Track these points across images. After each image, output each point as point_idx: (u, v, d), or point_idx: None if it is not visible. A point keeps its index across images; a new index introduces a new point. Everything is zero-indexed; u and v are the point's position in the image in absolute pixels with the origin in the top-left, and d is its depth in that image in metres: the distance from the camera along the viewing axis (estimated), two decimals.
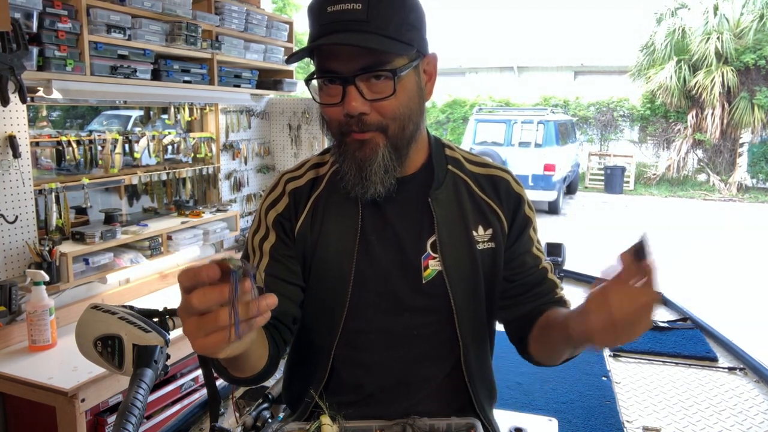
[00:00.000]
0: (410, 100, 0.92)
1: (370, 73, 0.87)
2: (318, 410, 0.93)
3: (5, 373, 1.91)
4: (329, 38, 0.86)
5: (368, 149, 0.91)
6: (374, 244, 0.99)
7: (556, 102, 14.12)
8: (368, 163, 0.91)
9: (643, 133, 13.79)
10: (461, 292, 0.99)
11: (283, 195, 1.03)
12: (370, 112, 0.89)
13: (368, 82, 0.88)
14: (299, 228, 1.01)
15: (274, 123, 3.65)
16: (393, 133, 0.91)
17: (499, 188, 1.04)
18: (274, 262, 0.99)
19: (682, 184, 12.85)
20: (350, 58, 0.86)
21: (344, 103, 0.88)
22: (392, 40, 0.87)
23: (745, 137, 12.23)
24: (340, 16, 0.86)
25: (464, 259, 0.99)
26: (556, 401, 1.67)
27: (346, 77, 0.87)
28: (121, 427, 0.78)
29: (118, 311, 1.01)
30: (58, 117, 5.24)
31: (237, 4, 3.06)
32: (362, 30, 0.85)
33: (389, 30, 0.87)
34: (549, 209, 9.89)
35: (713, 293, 5.49)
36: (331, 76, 0.89)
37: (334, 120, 0.92)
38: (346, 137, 0.92)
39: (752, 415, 1.55)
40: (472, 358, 1.02)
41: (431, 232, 0.99)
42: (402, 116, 0.91)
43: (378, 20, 0.86)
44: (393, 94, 0.88)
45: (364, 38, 0.85)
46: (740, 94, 11.87)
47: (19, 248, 2.16)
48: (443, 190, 1.01)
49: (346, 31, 0.86)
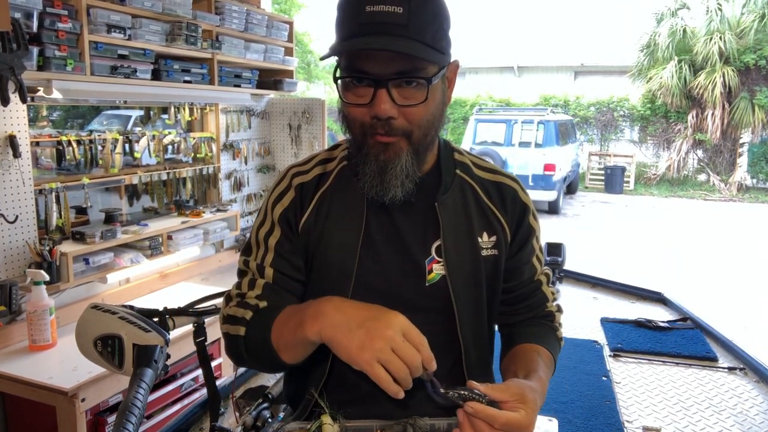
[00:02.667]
0: (436, 107, 0.93)
1: (404, 78, 0.87)
2: (318, 409, 0.93)
3: (5, 373, 1.91)
4: (368, 39, 0.84)
5: (392, 152, 0.90)
6: (378, 244, 0.99)
7: (556, 102, 14.12)
8: (391, 166, 0.91)
9: (643, 133, 13.79)
10: (464, 298, 0.99)
11: (290, 189, 1.03)
12: (398, 117, 0.88)
13: (400, 87, 0.87)
14: (304, 222, 1.01)
15: (274, 123, 3.65)
16: (416, 139, 0.91)
17: (506, 196, 1.04)
18: (279, 258, 1.00)
19: (683, 184, 12.85)
20: (386, 61, 0.86)
21: (373, 105, 0.87)
22: (429, 47, 0.86)
23: (746, 137, 12.24)
24: (379, 18, 0.84)
25: (468, 264, 0.99)
26: (556, 401, 1.66)
27: (379, 80, 0.86)
28: (121, 426, 0.78)
29: (118, 311, 1.01)
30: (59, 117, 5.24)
31: (237, 4, 3.06)
32: (402, 35, 0.84)
33: (427, 37, 0.86)
34: (549, 209, 9.90)
35: (713, 293, 5.49)
36: (364, 77, 0.87)
37: (357, 120, 0.91)
38: (368, 138, 0.91)
39: (752, 415, 1.55)
40: (473, 359, 1.02)
41: (436, 237, 0.99)
42: (428, 123, 0.92)
43: (417, 26, 0.85)
44: (425, 101, 0.88)
45: (406, 44, 0.84)
46: (741, 94, 11.87)
47: (19, 248, 2.16)
48: (450, 194, 1.01)
49: (385, 34, 0.84)
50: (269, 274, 0.99)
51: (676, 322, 2.18)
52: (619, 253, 7.08)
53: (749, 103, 11.79)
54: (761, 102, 11.71)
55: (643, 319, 2.16)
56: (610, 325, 2.16)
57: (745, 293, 5.59)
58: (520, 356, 1.01)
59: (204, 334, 1.28)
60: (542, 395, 0.88)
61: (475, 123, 10.67)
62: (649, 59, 12.91)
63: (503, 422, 0.77)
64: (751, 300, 5.40)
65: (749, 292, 5.66)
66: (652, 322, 2.14)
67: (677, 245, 7.61)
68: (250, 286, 1.00)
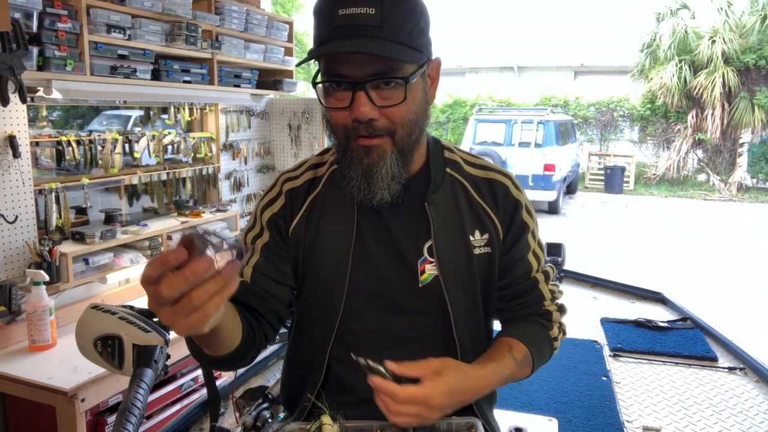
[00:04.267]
0: (418, 105, 0.92)
1: (381, 79, 0.86)
2: (317, 410, 0.93)
3: (5, 373, 1.91)
4: (342, 43, 0.84)
5: (375, 155, 0.90)
6: (371, 246, 0.99)
7: (556, 102, 14.12)
8: (375, 169, 0.90)
9: (643, 133, 13.78)
10: (458, 297, 0.99)
11: (280, 195, 1.04)
12: (379, 118, 0.88)
13: (378, 89, 0.87)
14: (294, 228, 1.01)
15: (274, 123, 3.65)
16: (400, 138, 0.91)
17: (497, 192, 1.03)
18: (264, 260, 1.00)
19: (682, 184, 12.85)
20: (361, 63, 0.85)
21: (353, 109, 0.87)
22: (405, 47, 0.86)
23: (745, 137, 12.23)
24: (352, 20, 0.84)
25: (461, 264, 0.99)
26: (556, 401, 1.66)
27: (356, 82, 0.86)
28: (121, 427, 0.78)
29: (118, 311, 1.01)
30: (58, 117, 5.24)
31: (237, 4, 3.06)
32: (375, 36, 0.84)
33: (402, 36, 0.86)
34: (549, 209, 9.90)
35: (713, 293, 5.49)
36: (341, 81, 0.87)
37: (340, 124, 0.91)
38: (352, 142, 0.91)
39: (752, 415, 1.55)
40: (470, 360, 1.02)
41: (428, 237, 0.98)
42: (410, 122, 0.91)
43: (391, 26, 0.85)
44: (404, 100, 0.88)
45: (379, 45, 0.84)
46: (740, 94, 11.87)
47: (19, 248, 2.16)
48: (440, 194, 1.00)
49: (358, 36, 0.84)
50: (247, 273, 0.99)
51: (676, 322, 2.18)
52: (619, 253, 7.08)
53: (749, 103, 11.79)
54: (761, 102, 11.71)
55: (643, 319, 2.16)
56: (610, 325, 2.16)
57: (745, 293, 5.59)
58: (490, 347, 1.01)
59: None
60: (484, 380, 0.92)
61: (475, 123, 10.67)
62: (650, 59, 12.91)
63: (404, 397, 0.81)
64: (751, 300, 5.40)
65: (749, 291, 5.66)
66: (652, 322, 2.14)
67: (677, 245, 7.61)
68: None
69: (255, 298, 0.98)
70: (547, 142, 9.78)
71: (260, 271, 0.99)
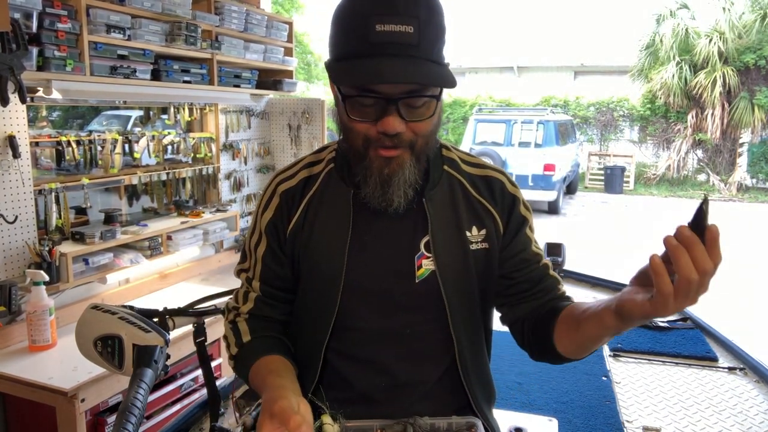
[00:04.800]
0: (439, 117, 0.95)
1: (414, 97, 0.87)
2: (318, 410, 0.93)
3: (5, 373, 1.91)
4: (383, 63, 0.83)
5: (395, 165, 0.91)
6: (367, 243, 0.99)
7: (556, 102, 14.12)
8: (395, 179, 0.91)
9: (643, 133, 13.78)
10: (454, 292, 0.99)
11: (274, 196, 1.04)
12: (405, 131, 0.89)
13: (409, 104, 0.88)
14: (291, 228, 1.02)
15: (274, 123, 3.65)
16: (420, 147, 0.92)
17: (494, 189, 1.04)
18: (265, 269, 1.04)
19: (682, 184, 12.85)
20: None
21: (381, 122, 0.87)
22: (438, 65, 0.87)
23: (745, 137, 12.24)
24: (390, 38, 0.82)
25: (457, 259, 0.99)
26: (556, 401, 1.66)
27: (389, 99, 0.86)
28: (121, 427, 0.78)
29: (118, 311, 1.01)
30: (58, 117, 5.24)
31: (237, 4, 3.06)
32: (413, 55, 0.84)
33: (434, 54, 0.86)
34: (549, 209, 9.90)
35: (713, 293, 5.47)
36: (373, 97, 0.86)
37: (361, 133, 0.90)
38: (371, 151, 0.91)
39: (752, 415, 1.55)
40: (468, 358, 1.02)
41: (425, 232, 0.99)
42: (432, 133, 0.94)
43: (426, 44, 0.85)
44: (433, 115, 0.90)
45: (419, 69, 0.83)
46: (740, 94, 11.87)
47: (19, 248, 2.16)
48: (438, 190, 1.01)
49: (397, 56, 0.83)
50: (257, 287, 1.05)
51: (676, 321, 2.18)
52: (619, 253, 7.08)
53: (749, 103, 11.79)
54: (761, 102, 11.71)
55: None
56: None
57: (745, 293, 5.59)
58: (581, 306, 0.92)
59: (204, 334, 1.28)
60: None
61: (474, 123, 10.67)
62: (651, 59, 12.91)
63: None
64: (751, 300, 5.40)
65: (749, 291, 5.66)
66: (651, 321, 2.14)
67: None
68: (244, 299, 1.06)
69: (267, 308, 1.05)
70: (547, 142, 9.78)
71: (268, 283, 1.04)
